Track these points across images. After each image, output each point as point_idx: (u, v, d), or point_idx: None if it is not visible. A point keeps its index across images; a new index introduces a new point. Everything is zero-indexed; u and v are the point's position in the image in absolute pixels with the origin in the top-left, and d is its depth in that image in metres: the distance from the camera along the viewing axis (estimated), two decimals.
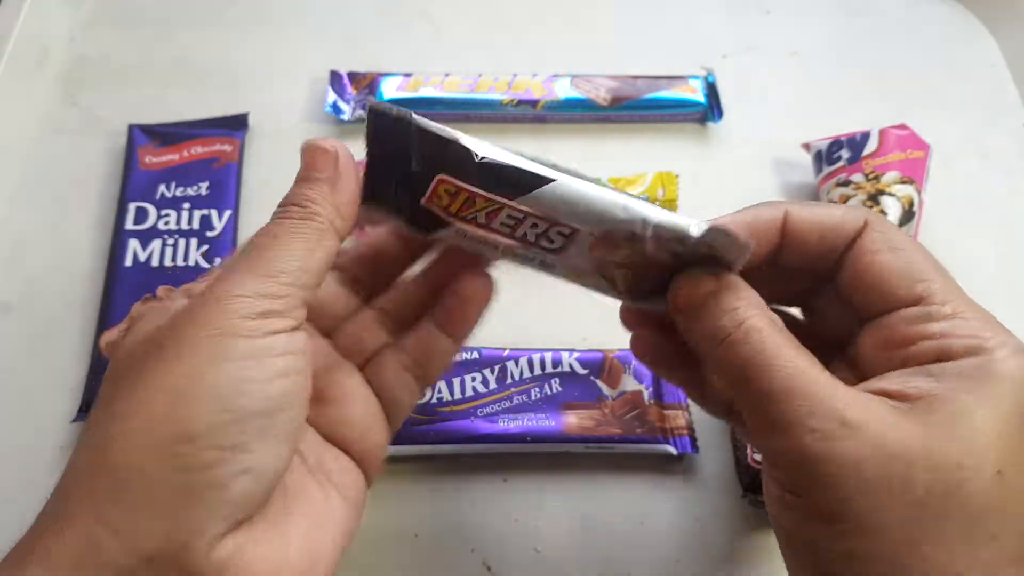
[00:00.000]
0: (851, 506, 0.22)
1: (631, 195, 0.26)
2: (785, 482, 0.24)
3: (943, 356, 0.24)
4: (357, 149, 0.56)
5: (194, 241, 0.46)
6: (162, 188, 0.47)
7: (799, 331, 0.26)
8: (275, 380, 0.23)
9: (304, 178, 0.27)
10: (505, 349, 0.42)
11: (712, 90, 0.54)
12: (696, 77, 0.54)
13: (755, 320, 0.25)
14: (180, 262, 0.45)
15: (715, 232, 0.24)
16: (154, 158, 0.49)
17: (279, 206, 0.26)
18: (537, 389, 0.41)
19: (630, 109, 0.53)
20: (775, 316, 0.26)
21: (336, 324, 0.31)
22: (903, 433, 0.23)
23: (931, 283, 0.25)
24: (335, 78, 0.53)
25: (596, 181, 0.27)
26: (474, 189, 0.26)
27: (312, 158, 0.27)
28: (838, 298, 0.28)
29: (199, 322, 0.23)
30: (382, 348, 0.31)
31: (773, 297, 0.29)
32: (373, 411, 0.30)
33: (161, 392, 0.22)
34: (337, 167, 0.27)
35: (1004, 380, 0.23)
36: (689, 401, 0.41)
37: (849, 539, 0.23)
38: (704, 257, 0.26)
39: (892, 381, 0.24)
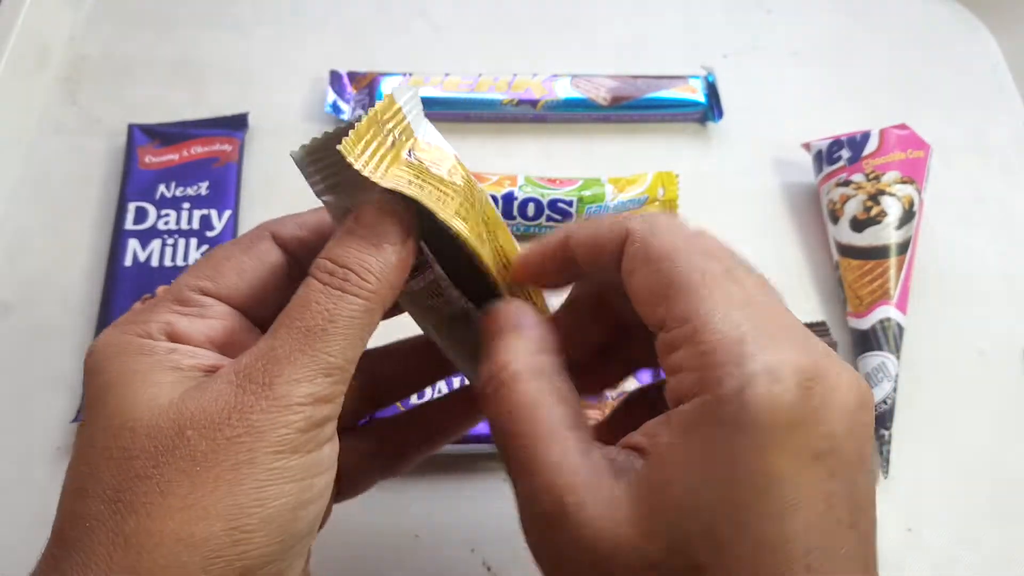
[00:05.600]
0: None
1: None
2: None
3: (681, 396, 0.20)
4: None
5: (194, 241, 0.46)
6: (162, 188, 0.47)
7: None
8: (321, 498, 0.22)
9: (369, 241, 0.22)
10: None
11: (712, 90, 0.54)
12: (696, 77, 0.54)
13: (513, 371, 0.23)
14: (180, 262, 0.45)
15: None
16: (154, 158, 0.49)
17: (332, 262, 0.22)
18: None
19: (630, 109, 0.53)
20: (550, 361, 0.23)
21: None
22: (612, 519, 0.20)
23: (672, 301, 0.21)
24: (335, 78, 0.53)
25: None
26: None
27: (382, 218, 0.23)
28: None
29: (255, 429, 0.20)
30: (349, 420, 0.27)
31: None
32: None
33: (220, 519, 0.20)
34: (407, 239, 0.23)
35: (715, 430, 0.19)
36: None
37: None
38: None
39: (644, 430, 0.21)
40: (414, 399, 0.36)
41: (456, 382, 0.38)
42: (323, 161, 0.23)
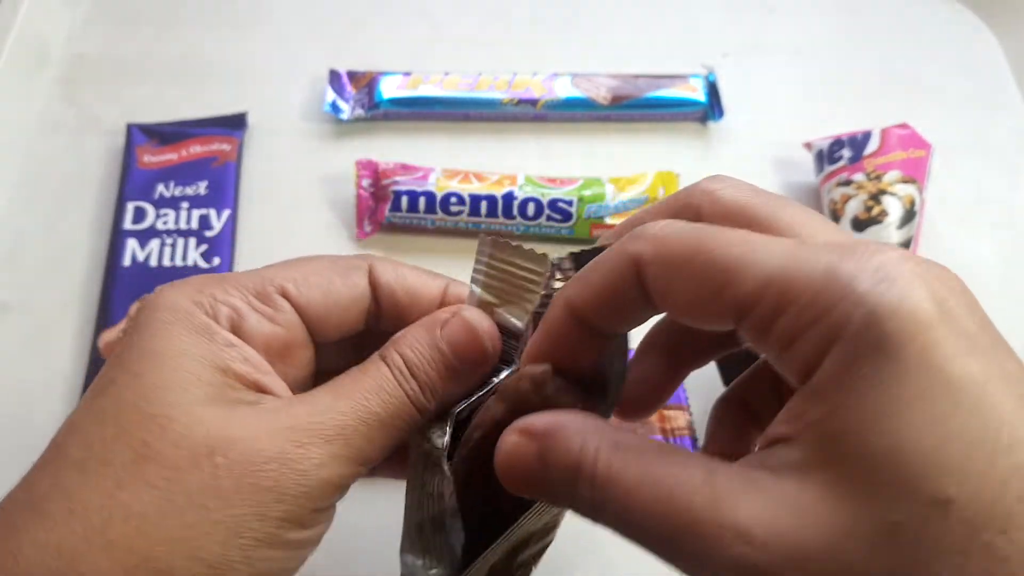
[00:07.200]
0: None
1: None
2: None
3: (809, 363, 0.17)
4: (356, 150, 0.55)
5: (192, 241, 0.45)
6: (160, 187, 0.47)
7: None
8: (302, 565, 0.22)
9: (439, 353, 0.23)
10: None
11: (713, 89, 0.53)
12: (697, 76, 0.54)
13: (601, 457, 0.19)
14: (179, 262, 0.45)
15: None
16: (152, 157, 0.48)
17: (409, 369, 0.22)
18: None
19: (631, 108, 0.53)
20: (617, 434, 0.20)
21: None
22: (794, 524, 0.17)
23: (733, 284, 0.18)
24: (334, 77, 0.53)
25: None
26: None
27: (463, 337, 0.23)
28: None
29: (279, 488, 0.20)
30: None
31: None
32: None
33: (203, 564, 0.20)
34: (478, 368, 0.23)
35: (868, 367, 0.16)
36: (690, 402, 0.41)
37: None
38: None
39: (781, 419, 0.18)
40: None
41: None
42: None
